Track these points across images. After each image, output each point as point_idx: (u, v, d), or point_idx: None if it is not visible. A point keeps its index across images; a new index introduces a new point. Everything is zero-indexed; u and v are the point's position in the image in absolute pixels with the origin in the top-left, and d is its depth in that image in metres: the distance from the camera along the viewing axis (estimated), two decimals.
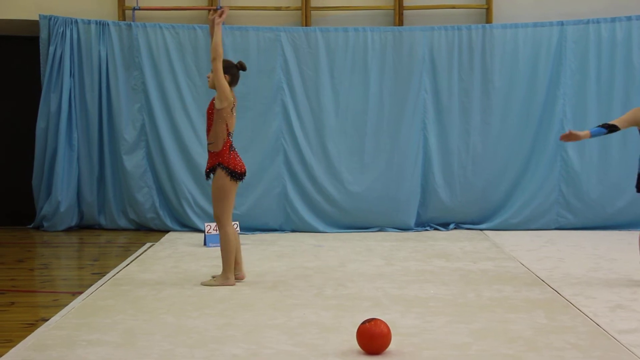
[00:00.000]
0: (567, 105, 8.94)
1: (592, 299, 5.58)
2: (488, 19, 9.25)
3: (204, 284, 6.07)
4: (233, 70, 6.08)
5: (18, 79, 9.74)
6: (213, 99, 5.99)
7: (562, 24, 8.94)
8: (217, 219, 6.06)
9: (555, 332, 4.71)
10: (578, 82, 8.94)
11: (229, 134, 5.98)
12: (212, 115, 5.95)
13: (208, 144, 6.03)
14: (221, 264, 6.11)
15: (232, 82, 6.06)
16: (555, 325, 4.86)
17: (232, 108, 6.01)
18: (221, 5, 9.21)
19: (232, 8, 9.26)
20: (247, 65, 8.77)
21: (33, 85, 9.34)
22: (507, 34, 8.97)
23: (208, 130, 6.01)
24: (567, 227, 9.02)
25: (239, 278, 6.16)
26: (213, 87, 5.96)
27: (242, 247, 7.88)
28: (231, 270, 6.04)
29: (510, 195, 9.11)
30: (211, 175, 6.03)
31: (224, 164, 5.94)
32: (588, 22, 8.93)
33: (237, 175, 5.98)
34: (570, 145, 8.92)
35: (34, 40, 9.23)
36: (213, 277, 6.17)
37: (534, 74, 8.97)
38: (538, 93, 8.97)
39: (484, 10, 9.32)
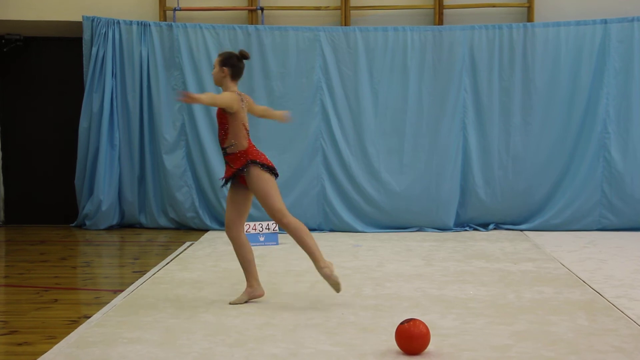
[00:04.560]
0: (610, 105, 8.80)
1: (635, 301, 5.49)
2: (529, 18, 9.16)
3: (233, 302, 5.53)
4: (233, 61, 5.48)
5: (61, 79, 9.90)
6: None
7: (605, 22, 8.81)
8: (277, 213, 5.42)
9: (598, 334, 4.64)
10: (622, 82, 8.80)
11: (247, 131, 5.49)
12: (225, 119, 5.43)
13: (227, 146, 5.43)
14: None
15: (235, 74, 5.50)
16: (597, 328, 4.79)
17: (245, 105, 5.52)
18: (261, 6, 9.26)
19: (271, 8, 9.31)
20: (287, 65, 8.97)
21: (76, 85, 9.49)
22: (549, 32, 8.86)
23: (224, 135, 5.45)
24: (610, 228, 8.89)
25: (259, 295, 5.57)
26: (219, 84, 5.57)
27: (281, 246, 7.98)
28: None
29: (551, 195, 9.01)
30: (235, 178, 5.44)
31: (256, 160, 5.38)
32: (633, 20, 8.79)
33: (272, 169, 5.44)
34: (613, 146, 8.80)
35: (77, 41, 9.37)
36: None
37: (576, 73, 8.85)
38: (580, 93, 8.85)
39: (526, 8, 9.23)
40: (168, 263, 7.05)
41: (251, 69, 8.90)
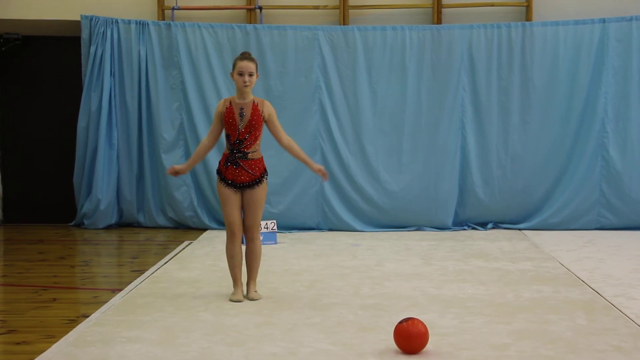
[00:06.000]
0: (608, 104, 8.81)
1: (633, 300, 5.50)
2: (528, 17, 9.16)
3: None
4: None
5: (60, 78, 9.89)
6: (257, 108, 5.55)
7: (604, 21, 8.81)
8: (258, 225, 5.64)
9: (596, 333, 4.64)
10: (620, 81, 8.80)
11: None
12: (261, 125, 5.55)
13: (251, 152, 5.49)
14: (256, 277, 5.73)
15: None
16: (596, 327, 4.79)
17: None
18: (259, 5, 9.25)
19: (270, 7, 9.30)
20: (286, 65, 9.00)
21: (74, 84, 9.48)
22: (547, 32, 8.87)
23: (254, 141, 5.50)
24: (608, 227, 8.89)
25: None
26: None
27: (280, 245, 7.99)
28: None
29: (550, 194, 9.01)
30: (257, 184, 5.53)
31: (266, 171, 5.64)
32: (631, 19, 8.79)
33: None
34: (611, 145, 8.80)
35: (75, 41, 9.37)
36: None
37: (574, 72, 8.85)
38: (579, 92, 8.85)
39: (524, 7, 9.23)
40: (167, 262, 7.05)
41: None
